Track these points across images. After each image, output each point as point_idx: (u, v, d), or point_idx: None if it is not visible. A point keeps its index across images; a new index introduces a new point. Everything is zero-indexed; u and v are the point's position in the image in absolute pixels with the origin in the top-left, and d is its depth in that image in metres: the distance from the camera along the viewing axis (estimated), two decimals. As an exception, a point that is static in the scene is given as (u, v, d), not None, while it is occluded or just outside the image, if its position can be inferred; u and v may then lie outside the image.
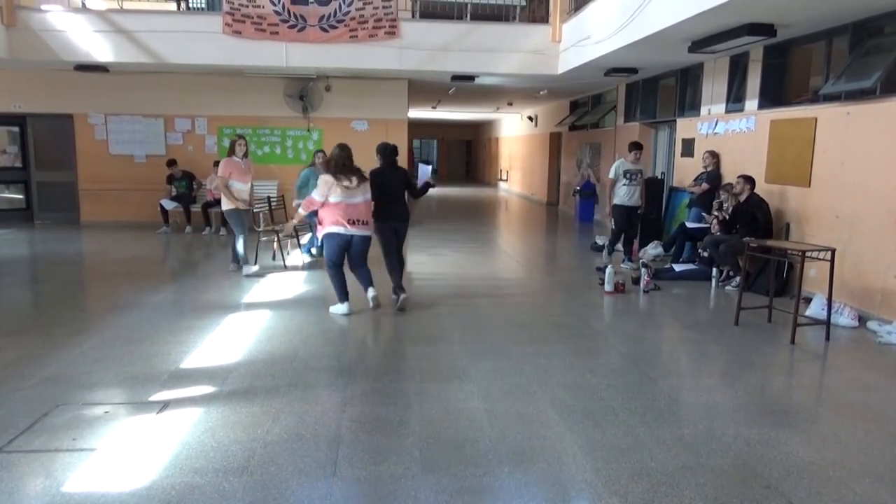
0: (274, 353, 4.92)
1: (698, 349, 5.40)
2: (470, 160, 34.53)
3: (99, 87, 11.75)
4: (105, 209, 12.11)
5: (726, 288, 7.49)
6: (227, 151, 7.74)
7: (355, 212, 5.84)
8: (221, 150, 12.08)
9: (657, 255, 9.13)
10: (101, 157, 12.07)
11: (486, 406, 3.96)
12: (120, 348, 4.96)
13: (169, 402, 3.94)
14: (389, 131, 12.32)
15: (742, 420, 3.83)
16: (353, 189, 5.81)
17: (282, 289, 7.12)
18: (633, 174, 8.62)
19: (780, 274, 6.89)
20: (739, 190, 7.39)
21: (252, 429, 3.59)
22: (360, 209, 5.89)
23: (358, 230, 5.87)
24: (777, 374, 4.85)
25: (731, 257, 7.37)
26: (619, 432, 3.62)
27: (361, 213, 5.89)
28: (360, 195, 5.88)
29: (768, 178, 7.63)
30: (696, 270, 7.90)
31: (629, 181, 8.61)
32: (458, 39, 10.39)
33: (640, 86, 11.66)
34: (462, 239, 11.50)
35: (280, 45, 10.19)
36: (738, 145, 8.37)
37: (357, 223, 5.85)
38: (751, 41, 7.14)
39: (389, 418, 3.76)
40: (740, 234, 7.10)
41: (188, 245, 10.31)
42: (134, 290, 6.93)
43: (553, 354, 5.01)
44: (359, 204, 5.87)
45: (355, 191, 5.83)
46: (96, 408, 3.84)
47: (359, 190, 5.86)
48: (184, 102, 12.07)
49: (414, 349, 5.15)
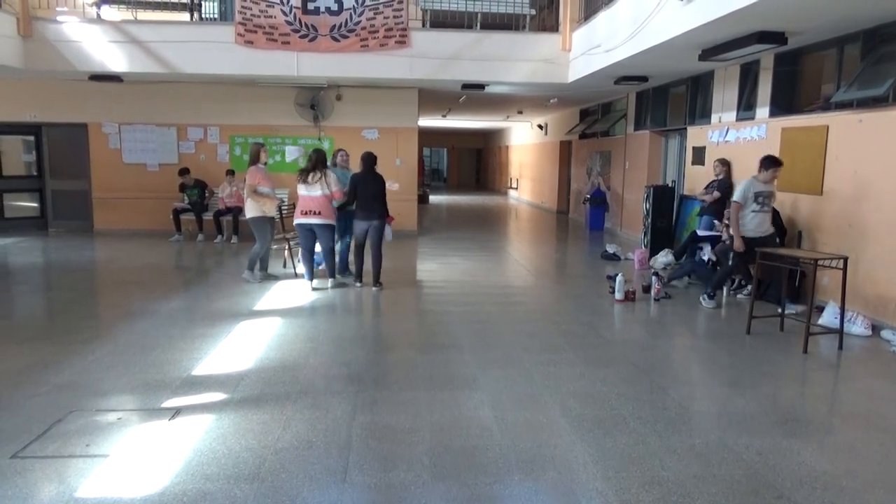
0: (285, 361, 4.94)
1: (710, 358, 5.38)
2: (480, 168, 34.57)
3: (113, 96, 11.89)
4: (118, 217, 12.22)
5: (738, 296, 7.45)
6: (251, 160, 7.78)
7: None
8: (233, 159, 12.19)
9: (668, 263, 9.09)
10: (115, 165, 12.20)
11: (497, 414, 3.97)
12: (132, 355, 5.00)
13: (181, 409, 3.97)
14: (400, 140, 12.41)
15: (754, 430, 3.81)
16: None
17: (292, 296, 7.16)
18: (765, 197, 6.61)
19: (793, 282, 6.85)
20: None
21: (263, 436, 3.61)
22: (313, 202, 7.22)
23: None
24: (789, 383, 4.82)
25: (743, 266, 7.33)
26: (630, 441, 3.61)
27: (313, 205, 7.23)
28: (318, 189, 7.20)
29: (780, 186, 7.57)
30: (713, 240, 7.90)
31: (760, 206, 6.58)
32: (469, 48, 10.44)
33: (651, 94, 11.66)
34: (472, 247, 11.51)
35: (291, 55, 10.28)
36: (749, 153, 8.33)
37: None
38: (761, 49, 7.13)
39: (400, 426, 3.77)
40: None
41: (200, 253, 10.38)
42: (146, 298, 6.99)
43: (563, 363, 5.01)
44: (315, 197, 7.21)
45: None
46: (109, 414, 3.88)
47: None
48: (196, 112, 12.19)
49: (424, 357, 5.16)
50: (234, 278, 8.11)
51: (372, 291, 7.42)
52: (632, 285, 7.47)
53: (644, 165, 12.00)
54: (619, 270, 8.03)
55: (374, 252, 7.56)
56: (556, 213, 18.02)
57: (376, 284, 7.53)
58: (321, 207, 7.23)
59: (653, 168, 11.88)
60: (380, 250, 7.60)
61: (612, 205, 13.80)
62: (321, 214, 7.24)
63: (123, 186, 12.22)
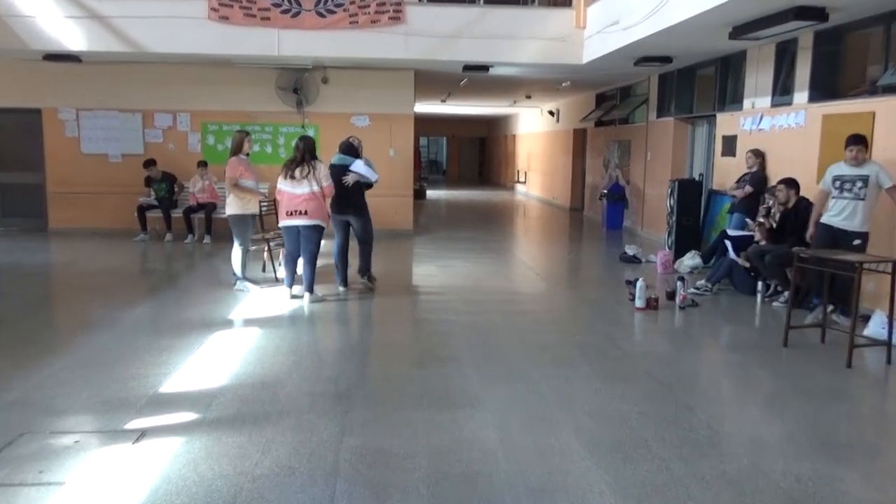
0: (264, 376, 4.93)
1: (742, 373, 5.38)
2: (483, 160, 34.62)
3: (70, 78, 11.89)
4: (76, 215, 12.21)
5: (773, 304, 7.46)
6: (233, 149, 7.64)
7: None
8: (206, 149, 12.20)
9: (695, 266, 9.10)
10: (73, 156, 12.20)
11: (502, 436, 3.96)
12: (92, 370, 4.99)
13: (146, 431, 3.96)
14: (393, 128, 12.42)
15: (792, 454, 3.81)
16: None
17: (273, 304, 7.15)
18: (847, 182, 6.41)
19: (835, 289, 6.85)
20: (784, 197, 7.45)
21: (239, 461, 3.60)
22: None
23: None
24: (831, 401, 4.82)
25: (779, 269, 7.34)
26: (653, 467, 3.61)
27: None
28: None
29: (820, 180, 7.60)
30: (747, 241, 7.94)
31: (840, 192, 6.47)
32: (471, 25, 10.45)
33: (675, 76, 11.68)
34: (475, 248, 11.51)
35: (272, 32, 10.29)
36: (785, 143, 8.35)
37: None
38: (799, 26, 7.14)
39: (393, 450, 3.76)
40: (789, 244, 7.08)
41: (168, 255, 10.38)
42: (108, 306, 6.98)
43: (577, 378, 5.00)
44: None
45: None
46: (65, 436, 3.86)
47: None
48: (165, 96, 12.19)
49: (421, 372, 5.15)
50: (207, 284, 8.10)
51: (361, 286, 7.52)
52: (654, 291, 7.47)
53: (668, 157, 12.02)
54: (639, 275, 8.03)
55: (363, 245, 7.74)
56: (570, 210, 18.04)
57: (365, 276, 7.69)
58: (308, 206, 6.97)
59: (678, 160, 11.90)
60: (369, 242, 7.74)
61: (632, 201, 13.82)
62: (308, 214, 6.97)
63: (82, 180, 12.21)
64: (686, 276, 7.78)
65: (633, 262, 9.98)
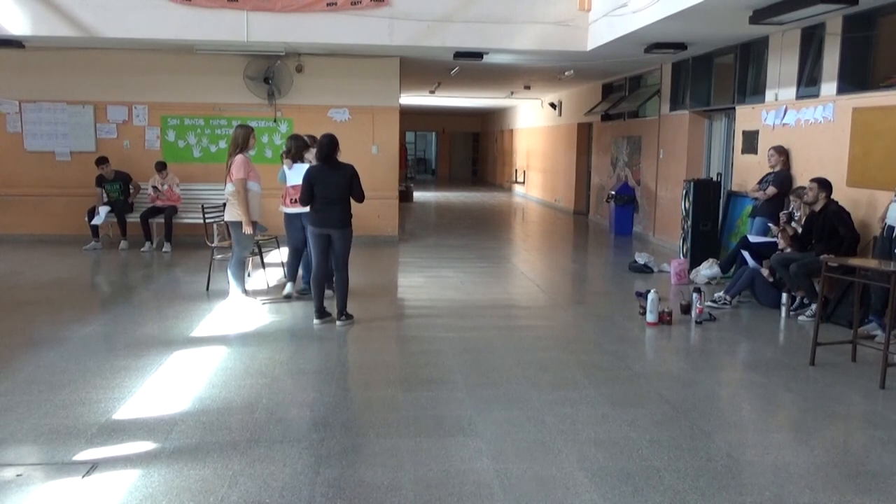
0: (231, 401, 4.93)
1: (765, 395, 5.41)
2: (477, 158, 34.70)
3: (12, 67, 11.85)
4: (18, 220, 12.16)
5: (799, 318, 7.50)
6: (236, 147, 7.40)
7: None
8: (166, 147, 12.18)
9: (712, 276, 9.15)
10: (14, 154, 12.14)
11: (498, 467, 3.98)
12: (36, 395, 4.97)
13: (98, 463, 3.95)
14: (376, 122, 12.45)
15: (819, 485, 3.84)
16: None
17: (241, 319, 7.15)
18: None
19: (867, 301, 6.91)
20: (813, 198, 7.40)
21: (203, 496, 3.60)
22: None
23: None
24: (863, 426, 4.85)
25: (805, 280, 7.39)
26: (665, 500, 3.63)
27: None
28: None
29: (851, 180, 7.68)
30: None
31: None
32: (463, 8, 10.50)
33: (690, 65, 11.76)
34: (468, 257, 11.55)
35: (240, 15, 10.30)
36: (812, 139, 8.42)
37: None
38: (827, 10, 7.21)
39: (376, 482, 3.77)
40: (816, 252, 7.13)
41: (123, 265, 10.35)
42: (54, 322, 6.95)
43: (582, 402, 5.02)
44: None
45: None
46: (6, 469, 3.85)
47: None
48: (119, 87, 12.16)
49: (407, 395, 5.16)
50: (167, 297, 8.07)
51: (336, 327, 6.91)
52: (667, 305, 7.51)
53: (682, 154, 12.09)
54: (651, 286, 8.07)
55: (339, 273, 7.01)
56: (574, 213, 18.10)
57: (341, 317, 6.98)
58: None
59: (693, 158, 11.97)
60: (345, 270, 7.03)
61: (643, 204, 13.89)
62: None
63: (25, 180, 12.17)
64: (703, 288, 7.83)
65: (643, 271, 10.02)
